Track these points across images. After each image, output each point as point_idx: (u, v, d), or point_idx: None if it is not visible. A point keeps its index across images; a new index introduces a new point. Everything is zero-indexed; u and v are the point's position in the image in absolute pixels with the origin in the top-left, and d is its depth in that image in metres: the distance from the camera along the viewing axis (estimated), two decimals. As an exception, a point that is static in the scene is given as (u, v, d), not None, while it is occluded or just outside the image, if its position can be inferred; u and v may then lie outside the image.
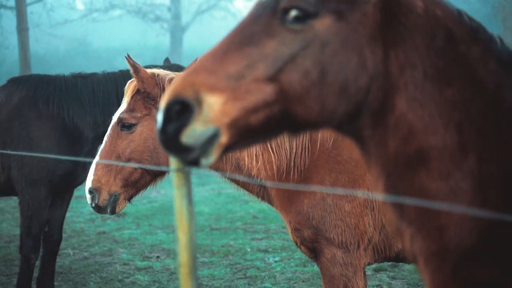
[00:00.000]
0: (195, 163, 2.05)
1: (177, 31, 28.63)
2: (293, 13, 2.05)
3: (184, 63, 6.68)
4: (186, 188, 2.45)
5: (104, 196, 4.21)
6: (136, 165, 4.09)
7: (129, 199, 4.30)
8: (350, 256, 4.05)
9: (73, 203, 11.76)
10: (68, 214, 10.87)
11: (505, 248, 1.97)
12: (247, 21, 2.11)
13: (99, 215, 11.20)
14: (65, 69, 7.91)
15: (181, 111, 1.99)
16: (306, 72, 2.02)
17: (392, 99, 2.06)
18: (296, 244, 4.24)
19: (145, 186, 4.33)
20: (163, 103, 2.03)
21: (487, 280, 1.97)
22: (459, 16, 2.16)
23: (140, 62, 5.06)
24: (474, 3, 34.10)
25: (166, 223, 10.51)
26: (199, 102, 1.98)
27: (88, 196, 4.24)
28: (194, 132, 1.99)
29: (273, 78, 2.03)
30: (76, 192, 11.36)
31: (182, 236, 2.42)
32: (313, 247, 4.13)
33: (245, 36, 2.07)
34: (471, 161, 2.02)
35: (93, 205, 4.27)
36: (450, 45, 2.10)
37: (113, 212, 4.26)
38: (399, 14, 2.08)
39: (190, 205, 2.44)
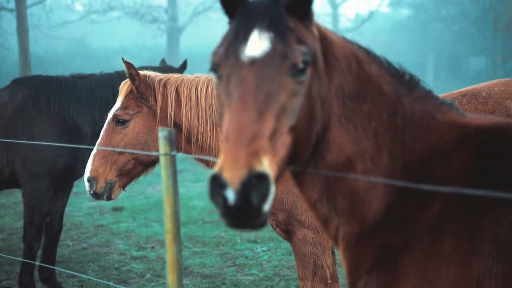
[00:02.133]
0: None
1: (174, 32, 28.97)
2: (301, 65, 2.31)
3: (181, 63, 7.06)
4: (172, 169, 2.96)
5: (101, 184, 4.67)
6: (132, 151, 4.56)
7: (124, 187, 4.77)
8: (319, 237, 4.55)
9: (72, 198, 12.24)
10: (68, 209, 11.35)
11: (402, 219, 2.49)
12: (259, 80, 2.25)
13: (97, 209, 11.73)
14: (64, 70, 8.30)
15: (258, 181, 2.09)
16: (306, 114, 2.36)
17: (329, 119, 2.51)
18: (272, 226, 4.74)
19: (137, 175, 4.80)
20: (235, 178, 2.08)
21: (395, 242, 2.48)
22: (354, 41, 2.66)
23: (138, 63, 5.52)
24: (466, 5, 34.49)
25: (161, 216, 10.94)
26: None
27: (86, 184, 4.70)
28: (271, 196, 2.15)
29: (293, 128, 2.29)
30: (75, 189, 11.83)
31: (168, 208, 2.94)
32: (286, 229, 4.64)
33: (265, 95, 2.23)
34: (384, 159, 2.54)
35: (91, 192, 4.72)
36: (360, 67, 2.58)
37: (109, 198, 4.72)
38: (329, 46, 2.53)
39: (175, 183, 2.95)
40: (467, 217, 2.39)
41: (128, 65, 4.70)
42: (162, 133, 3.13)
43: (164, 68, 6.84)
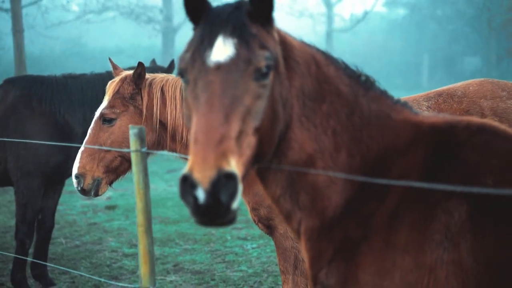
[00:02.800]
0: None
1: (169, 32, 29.08)
2: (264, 70, 2.43)
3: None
4: (142, 165, 3.10)
5: (88, 181, 4.81)
6: (105, 148, 4.69)
7: (110, 183, 4.92)
8: (300, 232, 4.69)
9: (66, 197, 12.38)
10: (61, 207, 11.49)
11: (361, 213, 2.64)
12: (225, 84, 2.36)
13: (91, 208, 11.85)
14: (60, 70, 8.36)
15: (227, 181, 2.20)
16: (269, 116, 2.49)
17: (291, 119, 2.65)
18: (254, 221, 4.89)
19: (124, 172, 4.94)
20: (205, 178, 2.18)
21: (353, 234, 2.63)
22: (312, 44, 2.80)
23: (133, 62, 5.63)
24: (461, 5, 34.63)
25: (153, 215, 11.00)
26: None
27: (74, 180, 4.84)
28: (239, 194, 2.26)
29: (257, 129, 2.41)
30: (69, 187, 11.94)
31: (139, 203, 3.08)
32: (268, 224, 4.78)
33: (231, 98, 2.34)
34: (343, 157, 2.69)
35: (79, 188, 4.87)
36: (319, 69, 2.72)
37: (96, 194, 4.87)
38: (289, 50, 2.66)
39: (146, 178, 3.09)
40: (421, 210, 2.54)
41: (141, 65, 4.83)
42: (132, 131, 3.25)
43: (154, 68, 6.97)
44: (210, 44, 2.44)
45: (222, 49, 2.42)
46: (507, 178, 2.52)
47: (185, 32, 34.62)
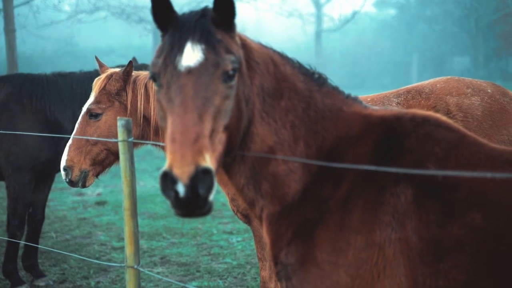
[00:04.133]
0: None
1: (159, 32, 29.26)
2: (231, 72, 2.66)
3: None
4: (129, 154, 3.37)
5: (76, 173, 5.06)
6: (91, 138, 4.95)
7: (97, 175, 5.17)
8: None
9: (57, 193, 12.63)
10: (52, 203, 11.73)
11: (318, 198, 2.90)
12: (196, 87, 2.58)
13: (81, 204, 12.09)
14: (52, 69, 8.48)
15: (204, 175, 2.40)
16: (236, 114, 2.73)
17: (253, 115, 2.90)
18: (234, 211, 5.15)
19: (110, 164, 5.19)
20: (184, 173, 2.38)
21: (311, 217, 2.89)
22: (269, 46, 3.05)
23: (124, 61, 5.86)
24: (449, 5, 35.00)
25: (142, 210, 11.32)
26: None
27: (63, 172, 5.09)
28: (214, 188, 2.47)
29: (227, 126, 2.64)
30: (60, 184, 12.14)
31: (126, 188, 3.35)
32: (246, 214, 5.05)
33: (203, 99, 2.56)
34: (301, 147, 2.95)
35: (67, 180, 5.11)
36: (276, 68, 2.98)
37: (83, 185, 5.11)
38: (249, 52, 2.91)
39: (132, 166, 3.36)
40: (371, 194, 2.81)
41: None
42: (120, 122, 3.54)
43: (138, 66, 7.21)
44: (180, 50, 2.66)
45: (192, 55, 2.64)
46: (448, 163, 2.79)
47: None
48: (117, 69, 5.26)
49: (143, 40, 31.48)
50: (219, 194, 12.57)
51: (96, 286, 7.39)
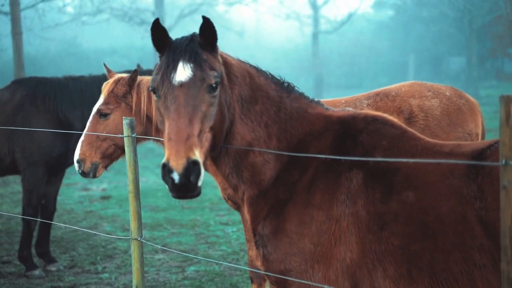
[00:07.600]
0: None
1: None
2: (214, 85, 3.32)
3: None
4: (133, 147, 4.11)
5: (88, 165, 5.77)
6: (101, 134, 5.67)
7: (106, 167, 5.88)
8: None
9: (64, 189, 13.36)
10: (59, 198, 12.48)
11: (288, 182, 3.61)
12: (187, 97, 3.22)
13: (87, 198, 12.81)
14: (56, 70, 9.17)
15: (193, 166, 3.06)
16: (219, 117, 3.41)
17: (234, 117, 3.60)
18: (224, 199, 5.88)
19: (117, 157, 5.90)
20: (178, 165, 3.03)
21: (282, 197, 3.61)
22: (246, 61, 3.76)
23: (127, 63, 6.60)
24: (444, 7, 35.58)
25: (144, 204, 11.99)
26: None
27: (76, 165, 5.80)
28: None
29: (212, 127, 3.31)
30: (66, 181, 12.87)
31: (130, 175, 4.09)
32: (235, 200, 5.77)
33: (192, 107, 3.21)
34: (274, 142, 3.67)
35: (80, 171, 5.82)
36: (252, 80, 3.69)
37: (94, 176, 5.83)
38: (229, 67, 3.60)
39: (135, 157, 4.10)
40: (330, 178, 3.53)
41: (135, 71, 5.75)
42: (125, 121, 4.30)
43: (142, 72, 7.90)
44: (174, 68, 3.36)
45: (183, 72, 3.33)
46: (391, 153, 3.52)
47: (176, 33, 35.33)
48: (124, 75, 5.99)
49: (145, 41, 31.97)
50: (217, 189, 13.34)
51: (103, 271, 8.09)
